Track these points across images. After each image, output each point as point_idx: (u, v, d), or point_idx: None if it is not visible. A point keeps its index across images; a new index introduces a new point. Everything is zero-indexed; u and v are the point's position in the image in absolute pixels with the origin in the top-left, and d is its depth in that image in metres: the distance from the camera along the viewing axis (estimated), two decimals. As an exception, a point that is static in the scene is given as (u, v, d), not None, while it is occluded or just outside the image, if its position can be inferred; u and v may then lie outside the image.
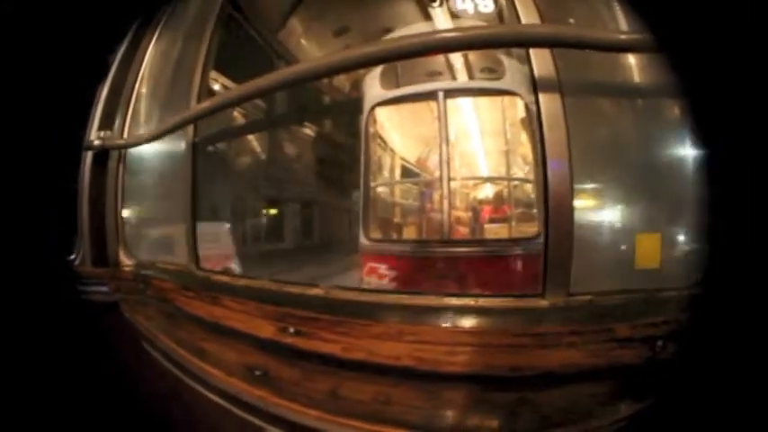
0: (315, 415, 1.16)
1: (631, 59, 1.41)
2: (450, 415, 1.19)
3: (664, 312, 1.24)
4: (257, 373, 1.36)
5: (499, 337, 1.28)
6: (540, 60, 1.36)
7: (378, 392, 1.21)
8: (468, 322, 1.31)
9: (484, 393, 1.20)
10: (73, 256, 1.97)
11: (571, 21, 1.46)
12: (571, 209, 1.32)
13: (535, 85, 1.35)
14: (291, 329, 1.40)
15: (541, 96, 1.34)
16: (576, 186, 1.33)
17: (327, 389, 1.24)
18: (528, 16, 1.43)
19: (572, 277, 1.33)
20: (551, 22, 1.44)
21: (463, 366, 1.23)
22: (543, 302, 1.33)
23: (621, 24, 1.46)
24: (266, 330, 1.45)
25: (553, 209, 1.32)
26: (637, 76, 1.42)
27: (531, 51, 1.37)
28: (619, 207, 1.44)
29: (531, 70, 1.35)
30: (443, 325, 1.30)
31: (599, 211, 1.41)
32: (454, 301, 1.35)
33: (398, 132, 2.52)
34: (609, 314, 1.32)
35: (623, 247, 1.43)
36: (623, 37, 1.29)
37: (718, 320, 0.83)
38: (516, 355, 1.23)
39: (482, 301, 1.34)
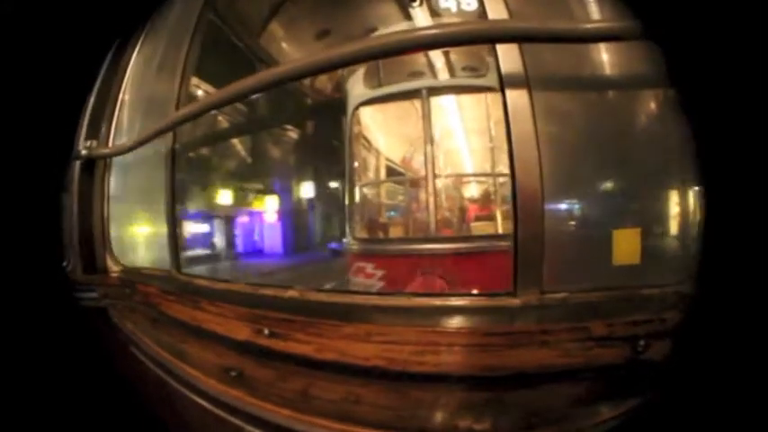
0: (287, 414, 1.16)
1: (603, 54, 1.38)
2: (419, 415, 1.18)
3: (645, 311, 1.21)
4: (233, 373, 1.37)
5: (469, 337, 1.26)
6: (508, 56, 1.35)
7: (348, 392, 1.21)
8: (437, 322, 1.31)
9: (454, 393, 1.19)
10: (65, 263, 2.02)
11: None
12: (541, 204, 1.30)
13: (502, 82, 1.33)
14: (266, 331, 1.42)
15: (508, 92, 1.32)
16: (548, 181, 1.31)
17: (299, 389, 1.24)
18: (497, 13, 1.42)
19: (544, 275, 1.31)
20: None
21: (433, 366, 1.22)
22: (515, 301, 1.31)
23: (595, 15, 1.44)
24: (242, 332, 1.46)
25: (522, 204, 1.30)
26: (608, 69, 1.40)
27: (498, 47, 1.35)
28: (595, 201, 1.42)
29: (498, 66, 1.34)
30: (413, 325, 1.30)
31: (573, 206, 1.39)
32: (424, 302, 1.35)
33: (383, 132, 2.51)
34: (585, 312, 1.30)
35: (601, 243, 1.40)
36: (602, 26, 1.27)
37: (704, 320, 0.82)
38: (487, 355, 1.22)
39: (452, 301, 1.34)
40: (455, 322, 1.30)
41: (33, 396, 1.43)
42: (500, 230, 2.27)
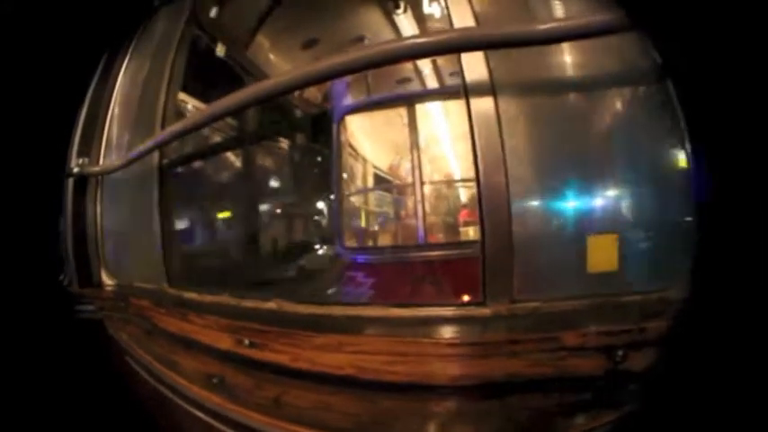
0: (260, 419, 1.20)
1: (567, 55, 1.36)
2: (386, 423, 1.20)
3: (623, 320, 1.19)
4: (215, 380, 1.43)
5: (438, 347, 1.28)
6: (472, 61, 1.35)
7: (318, 400, 1.24)
8: (409, 332, 1.32)
9: (422, 403, 1.21)
10: (62, 277, 2.10)
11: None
12: (508, 210, 1.29)
13: (465, 87, 1.33)
14: (246, 341, 1.47)
15: (472, 98, 1.32)
16: (514, 187, 1.29)
17: (273, 396, 1.28)
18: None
19: (515, 284, 1.30)
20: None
21: (403, 376, 1.24)
22: (485, 310, 1.31)
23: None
24: (225, 342, 1.52)
25: (488, 210, 1.29)
26: (574, 70, 1.37)
27: (463, 54, 1.35)
28: (567, 207, 1.39)
29: (462, 73, 1.33)
30: (385, 335, 1.32)
31: (543, 212, 1.36)
32: (397, 312, 1.36)
33: (370, 140, 2.52)
34: (558, 322, 1.28)
35: (575, 250, 1.37)
36: (586, 22, 1.21)
37: (685, 329, 0.82)
38: (456, 365, 1.23)
39: (424, 311, 1.35)
40: (426, 332, 1.31)
41: (34, 400, 1.52)
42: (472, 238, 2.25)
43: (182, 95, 2.14)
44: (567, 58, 1.36)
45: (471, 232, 2.28)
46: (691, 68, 0.71)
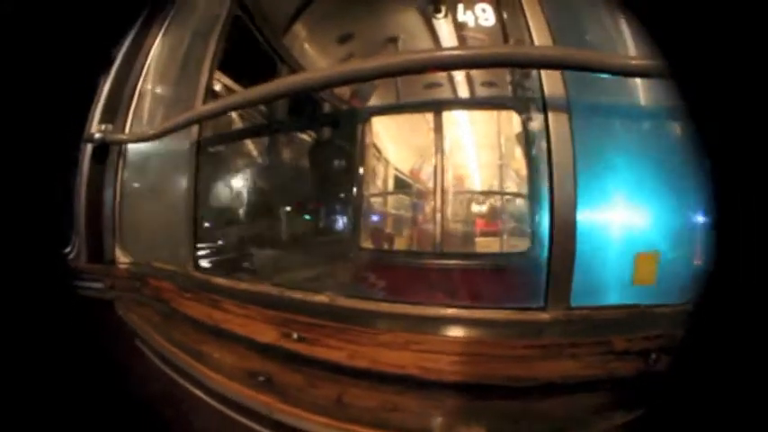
0: (321, 421, 1.14)
1: (638, 81, 1.46)
2: (453, 423, 1.20)
3: (657, 326, 1.28)
4: (260, 378, 1.34)
5: (502, 349, 1.30)
6: (551, 79, 1.40)
7: (383, 400, 1.21)
8: (471, 333, 1.34)
9: (487, 402, 1.22)
10: (68, 250, 1.91)
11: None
12: (574, 225, 1.36)
13: (545, 104, 1.38)
14: (295, 335, 1.39)
15: (551, 115, 1.38)
16: (580, 204, 1.37)
17: (333, 395, 1.22)
18: (539, 31, 1.46)
19: (572, 291, 1.37)
20: (561, 35, 1.47)
21: (467, 376, 1.24)
22: (544, 315, 1.36)
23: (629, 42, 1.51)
24: (268, 335, 1.43)
25: (557, 224, 1.35)
26: (643, 98, 1.47)
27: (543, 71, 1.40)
28: (620, 225, 1.48)
29: (542, 89, 1.39)
30: (448, 335, 1.32)
31: (603, 227, 1.45)
32: (459, 313, 1.37)
33: (395, 143, 2.50)
34: (606, 327, 1.37)
35: (622, 264, 1.47)
36: (632, 62, 1.33)
37: (710, 335, 0.86)
38: (518, 366, 1.26)
39: (486, 313, 1.37)
40: (488, 334, 1.34)
41: (28, 389, 1.36)
42: (505, 248, 2.29)
43: (219, 74, 2.03)
44: (641, 85, 1.45)
45: (488, 243, 2.32)
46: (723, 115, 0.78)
